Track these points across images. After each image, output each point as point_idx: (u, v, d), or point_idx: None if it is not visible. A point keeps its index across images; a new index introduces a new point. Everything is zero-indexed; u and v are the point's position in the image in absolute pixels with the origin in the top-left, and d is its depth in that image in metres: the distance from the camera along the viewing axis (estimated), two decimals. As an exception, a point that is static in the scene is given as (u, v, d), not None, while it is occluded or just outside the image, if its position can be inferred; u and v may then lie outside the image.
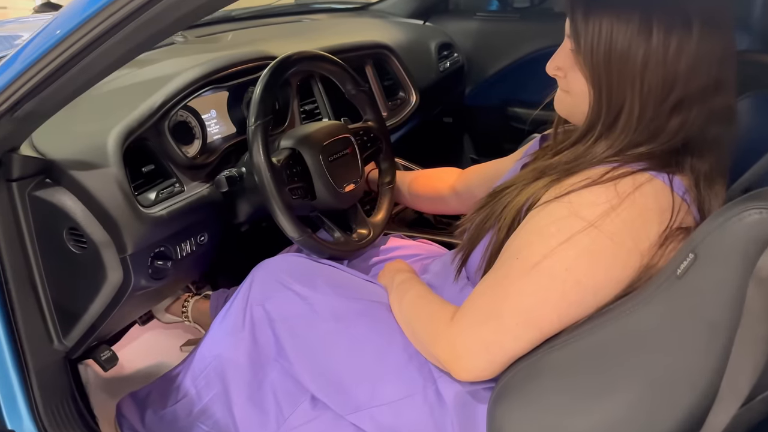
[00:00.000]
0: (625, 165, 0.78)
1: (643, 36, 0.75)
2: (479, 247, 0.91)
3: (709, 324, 0.65)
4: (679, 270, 0.67)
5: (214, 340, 1.08)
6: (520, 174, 0.91)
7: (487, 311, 0.81)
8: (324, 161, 1.15)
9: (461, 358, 0.83)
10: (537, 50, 2.11)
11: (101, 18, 0.76)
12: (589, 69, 0.79)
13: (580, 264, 0.75)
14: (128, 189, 1.00)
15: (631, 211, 0.75)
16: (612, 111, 0.80)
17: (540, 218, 0.80)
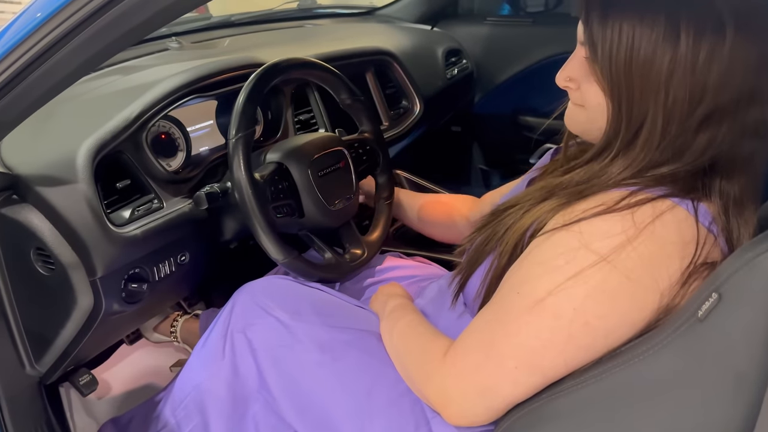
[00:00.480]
0: (645, 190, 0.69)
1: (670, 41, 0.66)
2: (478, 271, 0.83)
3: (735, 373, 0.57)
4: (700, 311, 0.58)
5: (194, 369, 1.01)
6: (527, 192, 0.83)
7: (485, 352, 0.72)
8: (313, 176, 1.07)
9: (454, 402, 0.75)
10: (550, 56, 2.03)
11: (68, 12, 0.70)
12: (608, 79, 0.70)
13: (591, 303, 0.66)
14: (98, 207, 0.93)
15: (650, 245, 0.66)
16: (632, 126, 0.71)
17: (546, 248, 0.71)
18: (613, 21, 0.68)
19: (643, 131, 0.70)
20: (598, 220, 0.68)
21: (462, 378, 0.74)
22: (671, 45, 0.66)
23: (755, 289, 0.55)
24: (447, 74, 1.97)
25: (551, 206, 0.74)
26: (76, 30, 0.71)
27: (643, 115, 0.70)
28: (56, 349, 1.03)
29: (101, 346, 1.21)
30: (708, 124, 0.69)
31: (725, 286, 0.56)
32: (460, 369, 0.74)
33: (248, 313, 0.99)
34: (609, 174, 0.72)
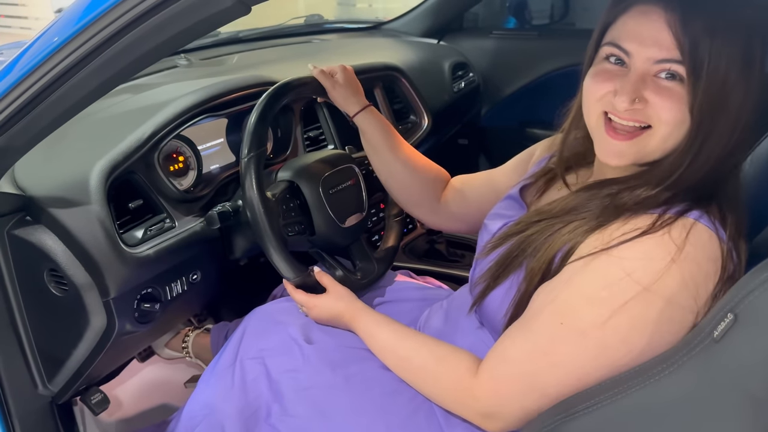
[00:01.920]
0: (671, 208, 0.70)
1: (748, 65, 0.69)
2: (502, 286, 0.83)
3: (750, 396, 0.56)
4: (716, 332, 0.58)
5: (204, 395, 1.00)
6: (554, 205, 0.82)
7: (530, 382, 0.74)
8: (324, 194, 1.08)
9: (499, 420, 0.78)
10: (557, 69, 2.04)
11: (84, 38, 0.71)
12: (705, 102, 0.69)
13: (635, 334, 0.68)
14: (111, 228, 0.94)
15: (691, 268, 0.67)
16: (704, 149, 0.71)
17: (588, 278, 0.71)
18: (716, 46, 0.67)
19: (704, 152, 0.71)
20: (637, 244, 0.69)
21: (507, 404, 0.76)
22: (748, 68, 0.68)
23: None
24: (454, 88, 1.98)
25: (584, 228, 0.74)
26: (91, 55, 0.72)
27: (715, 138, 0.70)
28: (69, 369, 1.03)
29: (113, 365, 1.22)
30: (743, 144, 0.73)
31: (740, 307, 0.56)
32: (503, 397, 0.76)
33: (261, 336, 0.99)
34: (657, 196, 0.72)
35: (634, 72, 0.72)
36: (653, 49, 0.70)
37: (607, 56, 0.75)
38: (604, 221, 0.73)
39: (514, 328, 0.77)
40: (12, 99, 0.77)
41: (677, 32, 0.68)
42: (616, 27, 0.74)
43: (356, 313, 0.97)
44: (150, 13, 0.68)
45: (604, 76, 0.75)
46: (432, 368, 0.85)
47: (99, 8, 0.70)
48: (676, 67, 0.70)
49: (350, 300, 0.99)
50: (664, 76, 0.71)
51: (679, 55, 0.69)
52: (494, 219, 0.94)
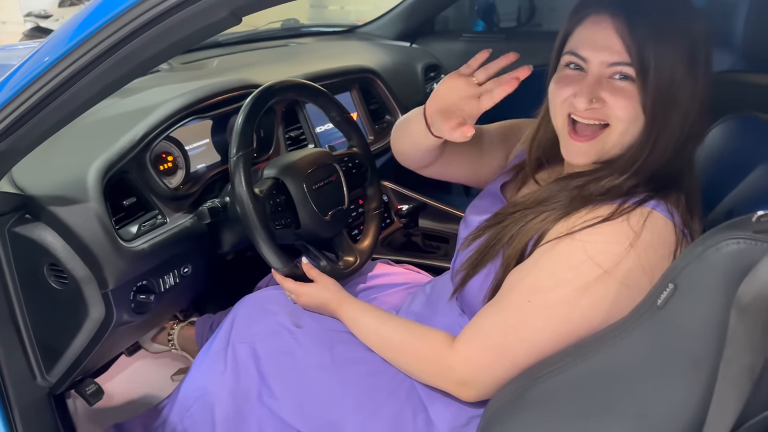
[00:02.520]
0: (631, 198, 0.79)
1: (694, 66, 0.77)
2: (481, 273, 0.91)
3: (692, 356, 0.64)
4: (659, 300, 0.66)
5: (197, 379, 1.06)
6: (527, 197, 0.90)
7: (500, 353, 0.82)
8: (308, 189, 1.15)
9: (471, 389, 0.86)
10: (523, 70, 2.11)
11: (82, 51, 0.77)
12: (655, 99, 0.77)
13: (596, 311, 0.76)
14: (109, 224, 1.00)
15: (647, 252, 0.75)
16: (660, 142, 0.79)
17: (553, 260, 0.80)
18: (665, 46, 0.76)
19: (659, 146, 0.79)
20: (598, 229, 0.77)
21: (479, 372, 0.84)
22: (694, 69, 0.77)
23: (706, 279, 0.62)
24: (427, 88, 2.06)
25: (552, 216, 0.83)
26: (92, 64, 0.77)
27: (669, 132, 0.79)
28: (66, 360, 1.08)
29: (107, 356, 1.27)
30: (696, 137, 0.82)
31: (680, 277, 0.63)
32: (476, 365, 0.84)
33: (251, 321, 1.05)
34: (620, 186, 0.80)
35: (591, 75, 0.81)
36: (605, 53, 0.79)
37: (567, 64, 0.84)
38: (571, 210, 0.81)
39: (488, 306, 0.86)
40: (17, 105, 0.82)
41: (625, 38, 0.77)
42: (573, 37, 0.83)
43: (341, 301, 1.04)
44: (148, 25, 0.73)
45: (564, 81, 0.83)
46: (411, 345, 0.92)
47: (101, 20, 0.75)
48: (626, 69, 0.78)
49: (336, 290, 1.06)
50: (617, 77, 0.79)
51: (628, 58, 0.78)
52: (474, 214, 1.01)
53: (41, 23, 5.27)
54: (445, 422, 0.91)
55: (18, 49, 2.25)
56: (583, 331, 0.77)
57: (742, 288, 0.59)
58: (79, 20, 0.79)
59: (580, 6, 0.83)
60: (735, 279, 0.60)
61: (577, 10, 0.83)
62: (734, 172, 0.94)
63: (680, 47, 0.77)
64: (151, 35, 0.74)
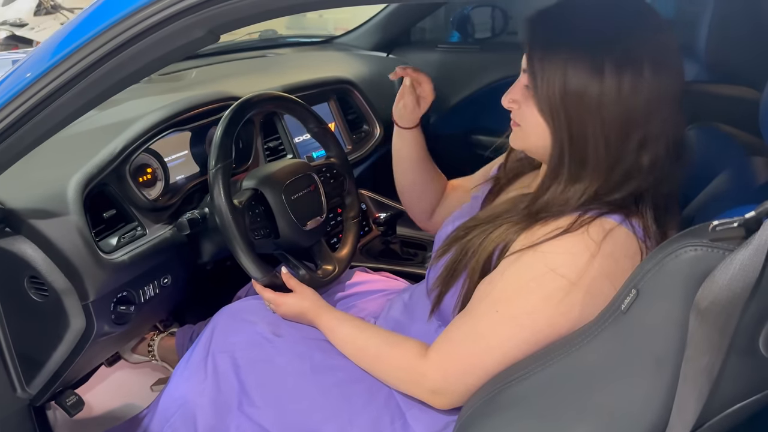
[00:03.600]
0: (589, 211, 0.81)
1: (596, 77, 0.78)
2: (453, 288, 0.93)
3: (654, 357, 0.67)
4: (623, 305, 0.69)
5: (178, 389, 1.07)
6: (487, 212, 0.93)
7: (470, 361, 0.84)
8: (286, 200, 1.17)
9: (445, 397, 0.88)
10: (498, 80, 2.16)
11: (63, 68, 0.78)
12: (546, 105, 0.82)
13: (561, 318, 0.79)
14: (89, 236, 1.01)
15: (608, 262, 0.78)
16: (576, 151, 0.82)
17: (517, 272, 0.82)
18: (550, 58, 0.80)
19: (589, 157, 0.81)
20: (559, 241, 0.80)
21: (451, 380, 0.86)
22: (598, 80, 0.78)
23: (666, 284, 0.65)
24: (403, 98, 2.09)
25: (514, 228, 0.85)
26: (73, 81, 0.78)
27: (583, 139, 0.81)
28: (47, 372, 1.08)
29: (87, 367, 1.27)
30: (647, 146, 0.80)
31: (642, 283, 0.66)
32: (448, 373, 0.86)
33: (231, 331, 1.06)
34: (568, 199, 0.83)
35: (519, 80, 0.87)
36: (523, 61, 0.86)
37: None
38: (529, 223, 0.84)
39: (459, 316, 0.88)
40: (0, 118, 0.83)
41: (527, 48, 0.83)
42: None
43: (319, 311, 1.06)
44: (129, 43, 0.74)
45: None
46: (386, 354, 0.95)
47: (82, 37, 0.77)
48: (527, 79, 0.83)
49: (314, 299, 1.08)
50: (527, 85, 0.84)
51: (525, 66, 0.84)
52: (447, 225, 1.05)
53: (16, 32, 5.19)
54: (422, 427, 0.93)
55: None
56: (551, 339, 0.79)
57: (699, 293, 0.61)
58: (60, 37, 0.80)
59: None
60: (693, 284, 0.62)
61: None
62: (696, 180, 0.98)
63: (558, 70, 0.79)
64: (132, 53, 0.76)
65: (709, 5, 1.40)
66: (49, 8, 5.26)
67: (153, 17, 0.72)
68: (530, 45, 0.83)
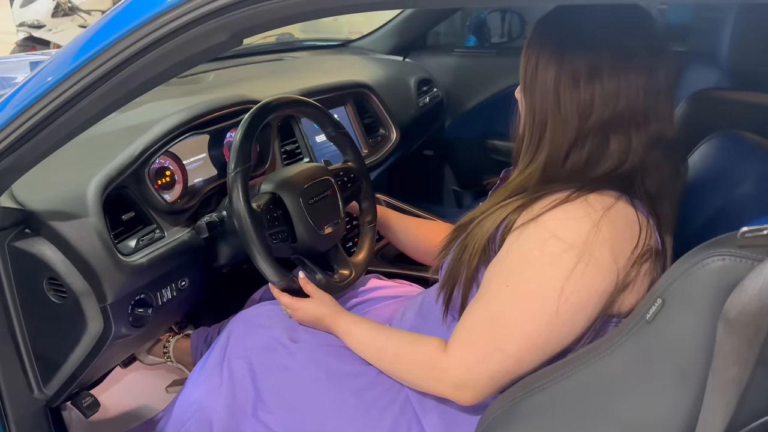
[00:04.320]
0: (586, 187, 0.82)
1: (554, 61, 0.83)
2: (459, 283, 0.92)
3: (680, 368, 0.66)
4: (648, 315, 0.68)
5: (193, 394, 1.07)
6: (486, 204, 0.93)
7: (489, 344, 0.83)
8: (304, 204, 1.16)
9: (469, 389, 0.86)
10: (514, 84, 2.12)
11: (84, 72, 0.78)
12: (522, 92, 0.89)
13: (567, 283, 0.78)
14: (108, 238, 1.01)
15: (610, 228, 0.78)
16: (536, 130, 0.86)
17: (521, 243, 0.82)
18: (529, 49, 0.86)
19: (547, 134, 0.85)
20: (558, 210, 0.80)
21: (474, 370, 0.84)
22: (556, 64, 0.82)
23: (692, 294, 0.64)
24: (419, 102, 2.09)
25: (512, 208, 0.85)
26: (96, 83, 0.79)
27: (543, 121, 0.85)
28: (64, 373, 1.09)
29: (104, 369, 1.27)
30: (612, 132, 0.83)
31: (667, 293, 0.66)
32: (470, 363, 0.85)
33: (247, 336, 1.06)
34: (556, 176, 0.85)
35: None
36: None
37: None
38: (527, 202, 0.84)
39: (472, 303, 0.87)
40: (20, 123, 0.83)
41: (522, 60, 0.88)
42: None
43: (336, 316, 1.06)
44: (151, 47, 0.75)
45: None
46: (405, 352, 0.94)
47: (104, 41, 0.77)
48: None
49: (331, 305, 1.08)
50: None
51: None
52: None
53: (34, 33, 5.26)
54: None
55: (11, 62, 2.26)
56: (562, 310, 0.78)
57: (728, 303, 0.61)
58: (82, 41, 0.81)
59: None
60: (721, 294, 0.62)
61: None
62: (719, 188, 0.97)
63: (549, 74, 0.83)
64: (154, 56, 0.76)
65: (731, 11, 1.38)
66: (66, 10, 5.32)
67: (176, 21, 0.72)
68: (526, 59, 0.88)
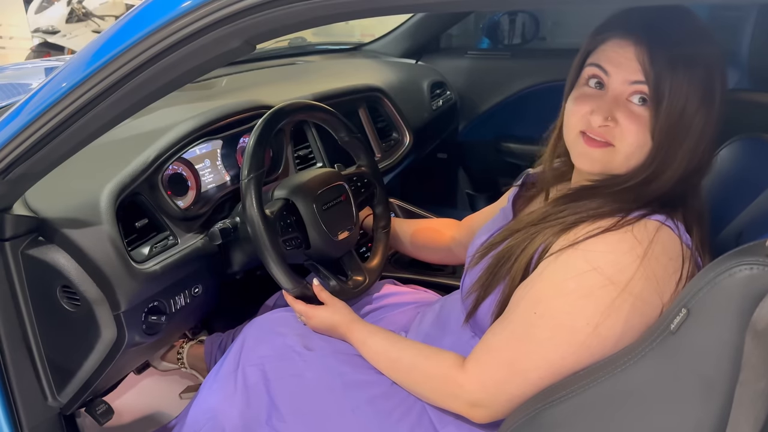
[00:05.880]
0: (631, 213, 0.79)
1: (706, 100, 0.77)
2: (492, 295, 0.90)
3: (705, 380, 0.65)
4: (672, 325, 0.66)
5: (207, 401, 1.06)
6: (528, 216, 0.91)
7: (509, 369, 0.81)
8: (318, 210, 1.15)
9: (484, 408, 0.85)
10: (528, 87, 2.14)
11: (98, 79, 0.78)
12: (662, 127, 0.78)
13: (603, 319, 0.76)
14: (121, 246, 1.00)
15: (652, 263, 0.75)
16: (666, 170, 0.80)
17: (556, 271, 0.80)
18: (680, 78, 0.76)
19: (668, 171, 0.80)
20: (601, 238, 0.77)
21: (492, 391, 0.83)
22: (707, 103, 0.77)
23: (719, 304, 0.62)
24: (433, 105, 2.08)
25: (555, 230, 0.83)
26: (109, 90, 0.78)
27: (675, 159, 0.79)
28: (78, 381, 1.08)
29: (117, 376, 1.27)
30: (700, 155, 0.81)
31: (692, 302, 0.64)
32: (488, 383, 0.83)
33: (261, 344, 1.05)
34: (621, 205, 0.80)
35: (611, 93, 0.81)
36: (628, 71, 0.79)
37: (589, 78, 0.84)
38: (573, 224, 0.81)
39: (497, 323, 0.86)
40: (33, 130, 0.83)
41: (645, 65, 0.77)
42: (596, 53, 0.83)
43: (351, 324, 1.04)
44: (164, 53, 0.74)
45: (584, 99, 0.84)
46: (421, 365, 0.93)
47: (117, 48, 0.77)
48: (645, 89, 0.78)
49: (346, 313, 1.07)
50: (636, 100, 0.79)
51: (643, 87, 0.78)
52: (482, 233, 1.02)
53: (49, 39, 5.32)
54: None
55: (26, 68, 2.27)
56: (595, 346, 0.76)
57: (757, 313, 0.59)
58: (96, 47, 0.80)
59: (604, 27, 0.83)
60: (748, 304, 0.60)
61: (600, 31, 0.83)
62: (743, 193, 0.94)
63: (696, 81, 0.77)
64: (167, 63, 0.75)
65: (752, 11, 1.36)
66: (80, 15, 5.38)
67: (189, 27, 0.72)
68: (653, 60, 0.77)
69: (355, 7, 0.67)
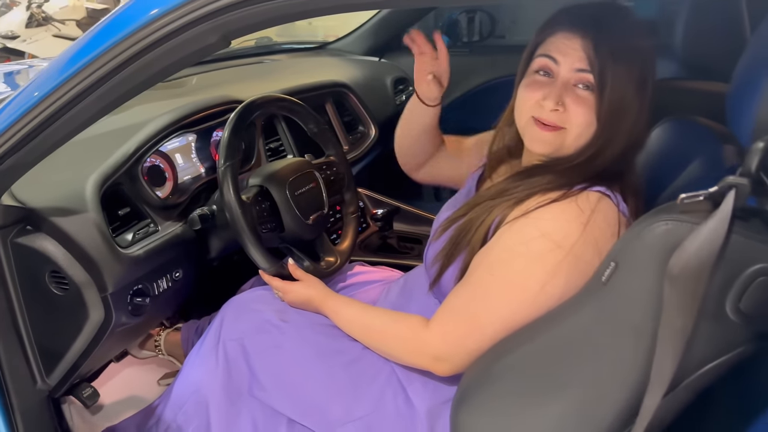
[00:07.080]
0: (575, 185, 0.89)
1: (642, 87, 0.89)
2: (454, 264, 0.99)
3: (633, 325, 0.73)
4: (603, 277, 0.75)
5: (190, 376, 1.13)
6: (483, 193, 1.00)
7: (469, 324, 0.90)
8: (291, 195, 1.23)
9: (446, 362, 0.93)
10: (486, 81, 2.24)
11: (81, 77, 0.84)
12: (607, 111, 0.88)
13: (549, 279, 0.85)
14: (107, 232, 1.07)
15: (594, 230, 0.85)
16: (608, 147, 0.90)
17: (510, 237, 0.90)
18: (618, 68, 0.87)
19: (610, 149, 0.90)
20: (549, 208, 0.87)
21: (453, 346, 0.92)
22: (642, 89, 0.89)
23: (641, 256, 0.71)
24: (396, 100, 2.16)
25: (510, 203, 0.92)
26: (94, 86, 0.84)
27: (615, 138, 0.90)
28: (66, 364, 1.13)
29: (102, 360, 1.32)
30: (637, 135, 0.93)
31: (620, 255, 0.73)
32: (449, 339, 0.92)
33: (239, 320, 1.12)
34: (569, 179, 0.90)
35: (560, 80, 0.91)
36: (575, 60, 0.89)
37: (538, 69, 0.94)
38: (526, 197, 0.91)
39: (458, 285, 0.95)
40: (20, 127, 0.88)
41: (590, 55, 0.88)
42: (545, 45, 0.93)
43: (325, 297, 1.13)
44: (143, 52, 0.80)
45: (535, 86, 0.93)
46: (390, 328, 1.01)
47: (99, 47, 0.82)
48: (589, 77, 0.89)
49: (320, 287, 1.15)
50: (581, 86, 0.90)
51: (589, 76, 0.89)
52: (446, 209, 1.12)
53: (8, 44, 5.24)
54: (423, 401, 1.00)
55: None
56: (540, 300, 0.85)
57: (671, 261, 0.67)
58: (81, 45, 0.86)
59: (552, 21, 0.93)
60: (666, 255, 0.68)
61: (550, 25, 0.94)
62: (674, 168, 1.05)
63: (634, 69, 0.88)
64: (148, 60, 0.81)
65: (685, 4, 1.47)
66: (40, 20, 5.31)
67: (169, 26, 0.77)
68: (597, 53, 0.87)
69: (328, 3, 0.74)
